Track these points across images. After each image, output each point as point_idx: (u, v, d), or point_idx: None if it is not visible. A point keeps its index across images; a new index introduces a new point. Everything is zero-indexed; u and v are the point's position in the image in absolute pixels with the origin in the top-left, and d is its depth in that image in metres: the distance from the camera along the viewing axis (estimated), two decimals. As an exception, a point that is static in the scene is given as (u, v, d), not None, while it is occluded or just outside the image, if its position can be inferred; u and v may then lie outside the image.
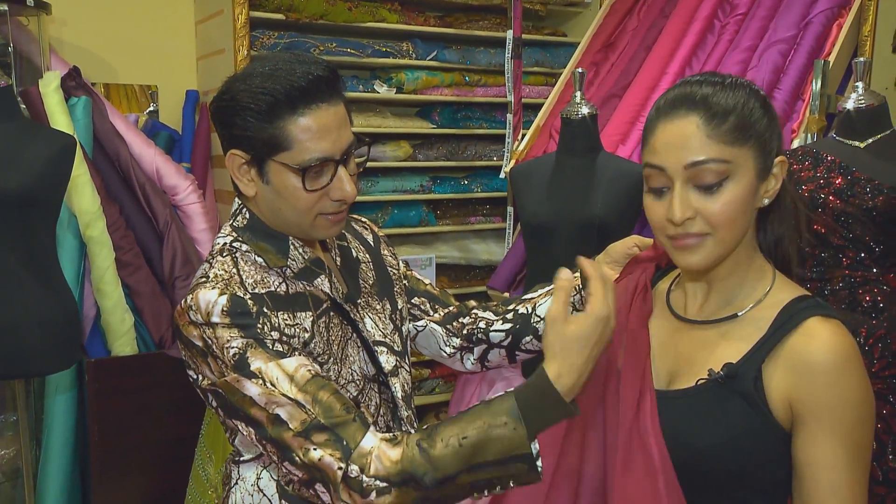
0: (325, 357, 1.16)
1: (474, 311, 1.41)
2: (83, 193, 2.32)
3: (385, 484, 1.00)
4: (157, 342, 2.47)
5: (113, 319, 2.37)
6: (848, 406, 0.97)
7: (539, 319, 1.33)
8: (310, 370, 1.07)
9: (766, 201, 1.04)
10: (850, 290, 1.69)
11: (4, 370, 1.98)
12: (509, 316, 1.36)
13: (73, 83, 2.47)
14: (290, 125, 1.08)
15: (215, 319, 1.06)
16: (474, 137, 3.21)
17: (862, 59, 1.82)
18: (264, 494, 1.20)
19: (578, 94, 2.05)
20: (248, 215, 1.18)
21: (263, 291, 1.11)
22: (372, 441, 1.03)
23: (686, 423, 1.04)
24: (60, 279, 2.04)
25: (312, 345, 1.14)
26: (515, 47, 2.62)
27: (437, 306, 1.41)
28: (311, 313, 1.15)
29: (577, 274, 1.19)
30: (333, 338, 1.18)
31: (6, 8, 2.31)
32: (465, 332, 1.39)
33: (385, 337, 1.27)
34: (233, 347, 1.06)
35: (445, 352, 1.41)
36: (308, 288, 1.17)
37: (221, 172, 2.89)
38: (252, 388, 1.05)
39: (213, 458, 2.23)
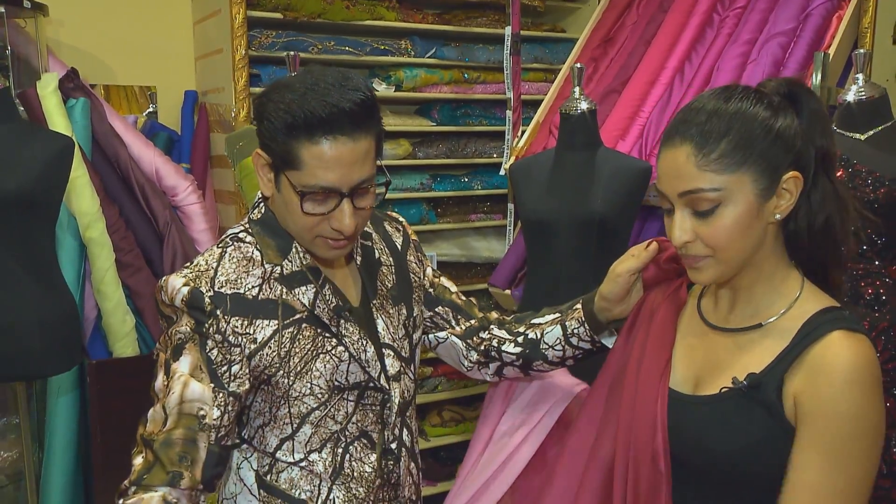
0: (274, 370, 1.17)
1: (492, 326, 1.42)
2: (82, 195, 2.32)
3: None
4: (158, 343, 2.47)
5: (114, 321, 2.37)
6: (843, 418, 0.98)
7: (547, 347, 1.35)
8: (202, 410, 1.13)
9: (779, 216, 1.05)
10: (852, 283, 1.68)
11: (5, 372, 1.98)
12: (520, 339, 1.38)
13: (71, 85, 2.47)
14: (302, 148, 1.09)
15: (177, 304, 1.14)
16: (474, 135, 3.20)
17: (862, 50, 1.81)
18: (244, 484, 1.24)
19: (577, 89, 2.04)
20: (264, 209, 1.23)
21: (230, 292, 1.15)
22: (155, 497, 1.11)
23: (707, 428, 1.07)
24: (60, 281, 2.04)
25: (259, 357, 1.16)
26: (514, 44, 2.61)
27: (459, 317, 1.42)
28: (276, 322, 1.17)
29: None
30: (297, 350, 1.18)
31: (3, 10, 2.31)
32: (482, 347, 1.41)
33: (394, 341, 1.28)
34: (179, 333, 1.14)
35: (465, 365, 1.43)
36: (284, 296, 1.18)
37: (221, 173, 2.88)
38: (159, 380, 1.15)
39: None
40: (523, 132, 2.67)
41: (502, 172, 2.68)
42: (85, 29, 2.81)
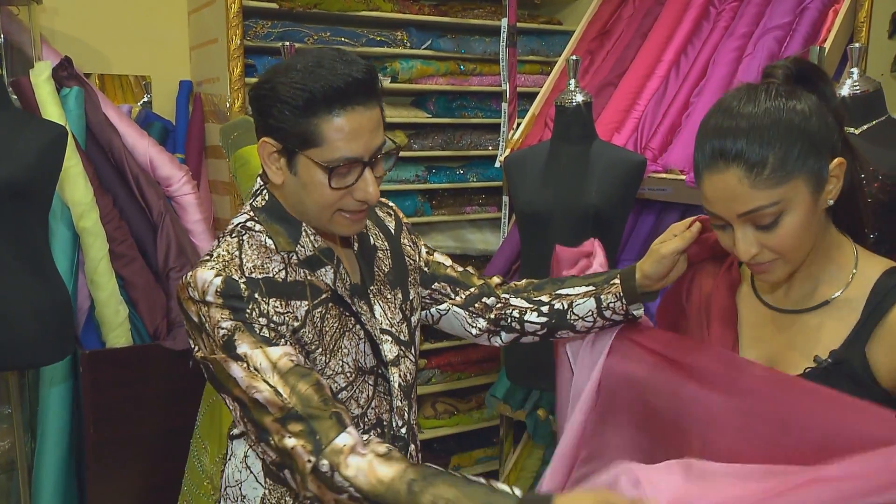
0: (314, 347, 1.17)
1: (504, 295, 1.42)
2: (76, 184, 2.31)
3: (359, 495, 1.03)
4: (151, 334, 2.47)
5: (107, 311, 2.36)
6: None
7: (577, 318, 1.36)
8: (293, 359, 1.10)
9: (831, 201, 1.06)
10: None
11: (-3, 362, 1.97)
12: (544, 309, 1.38)
13: (64, 73, 2.46)
14: (323, 123, 1.09)
15: (209, 299, 1.10)
16: (470, 127, 3.20)
17: (857, 44, 1.81)
18: (251, 472, 1.24)
19: (573, 81, 2.04)
20: (267, 196, 1.22)
21: (260, 277, 1.14)
22: (346, 440, 1.06)
23: None
24: (53, 270, 2.03)
25: (301, 333, 1.16)
26: (510, 36, 2.60)
27: (458, 289, 1.43)
28: (307, 303, 1.17)
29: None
30: (327, 329, 1.19)
31: (-4, -3, 2.29)
32: (492, 315, 1.41)
33: (392, 326, 1.28)
34: (223, 328, 1.10)
35: (471, 333, 1.43)
36: (309, 277, 1.18)
37: (215, 163, 2.87)
38: (236, 370, 1.09)
39: (208, 450, 2.23)
40: (519, 124, 2.67)
41: (497, 165, 2.68)
42: (79, 17, 2.79)
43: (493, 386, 2.94)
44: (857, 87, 1.75)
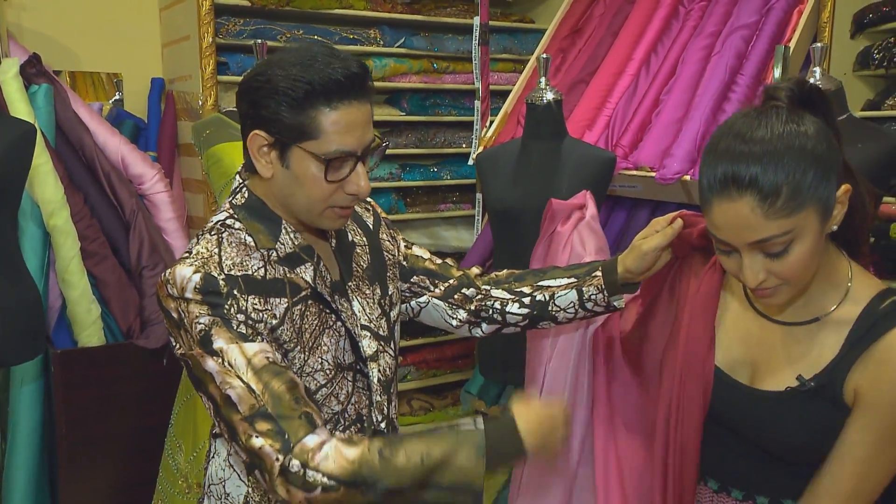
0: (293, 345, 1.18)
1: (484, 287, 1.45)
2: (45, 182, 2.29)
3: (333, 482, 1.03)
4: (124, 332, 2.45)
5: (79, 310, 2.34)
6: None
7: (559, 309, 1.40)
8: (268, 357, 1.10)
9: (835, 227, 1.07)
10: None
11: (-33, 362, 1.95)
12: (526, 301, 1.41)
13: (33, 70, 2.44)
14: (321, 116, 1.10)
15: (188, 295, 1.11)
16: (443, 125, 3.21)
17: (819, 44, 1.85)
18: (234, 470, 1.24)
19: (543, 79, 2.06)
20: (247, 194, 1.21)
21: (239, 274, 1.14)
22: (315, 440, 1.06)
23: (775, 422, 1.13)
24: (22, 268, 2.02)
25: (280, 331, 1.16)
26: (483, 34, 2.62)
27: (437, 281, 1.44)
28: (286, 300, 1.17)
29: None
30: (307, 326, 1.20)
31: (-38, -6, 2.26)
32: (472, 306, 1.44)
33: (371, 322, 1.29)
34: (200, 323, 1.10)
35: (452, 324, 1.46)
36: (288, 275, 1.19)
37: (188, 161, 2.86)
38: (211, 365, 1.09)
39: (182, 448, 2.23)
40: (492, 122, 2.69)
41: (471, 162, 2.70)
42: (48, 13, 2.76)
43: (467, 382, 2.96)
44: (819, 86, 1.78)
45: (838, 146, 1.06)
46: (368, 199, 1.44)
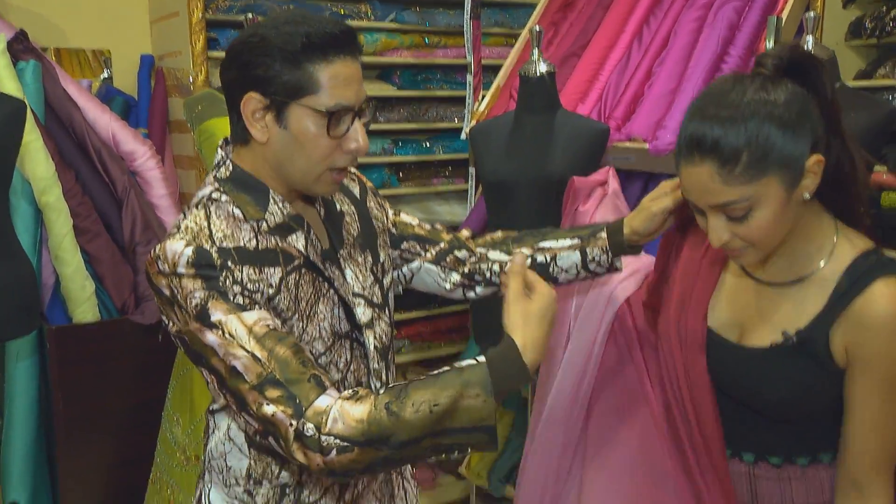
0: (290, 313, 1.17)
1: (479, 249, 1.44)
2: (36, 159, 2.27)
3: (346, 443, 1.03)
4: (119, 308, 2.45)
5: (73, 286, 2.34)
6: (891, 359, 1.07)
7: (560, 270, 1.40)
8: (269, 325, 1.09)
9: (808, 195, 1.08)
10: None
11: (-38, 339, 1.95)
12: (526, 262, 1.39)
13: (20, 47, 2.41)
14: (319, 70, 1.10)
15: (181, 270, 1.09)
16: (435, 100, 3.20)
17: (812, 13, 1.85)
18: (234, 444, 1.24)
19: (536, 51, 2.06)
20: (231, 167, 1.20)
21: (231, 246, 1.13)
22: (327, 401, 1.05)
23: (760, 379, 1.15)
24: (15, 245, 2.01)
25: (277, 300, 1.15)
26: (474, 8, 2.60)
27: (428, 246, 1.44)
28: (280, 270, 1.16)
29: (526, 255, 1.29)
30: (302, 295, 1.19)
31: (-53, -32, 2.23)
32: (465, 269, 1.43)
33: (364, 290, 1.29)
34: (195, 298, 1.08)
35: (445, 287, 1.45)
36: (280, 244, 1.18)
37: (180, 138, 2.85)
38: (211, 338, 1.08)
39: (180, 422, 2.24)
40: (484, 96, 2.68)
41: (463, 137, 2.69)
42: (34, -11, 2.73)
43: (462, 354, 2.98)
44: (813, 52, 1.78)
45: (825, 114, 1.06)
46: (353, 170, 1.44)
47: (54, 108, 2.46)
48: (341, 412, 1.04)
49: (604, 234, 1.37)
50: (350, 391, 1.08)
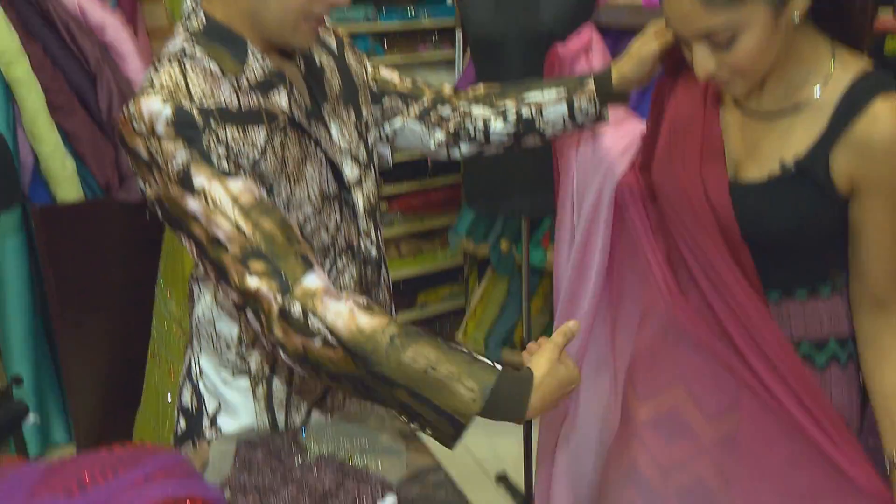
0: (277, 176, 1.12)
1: (462, 104, 1.39)
2: (-2, 31, 2.16)
3: (336, 341, 1.01)
4: (103, 187, 2.41)
5: (53, 165, 2.29)
6: None
7: (546, 124, 1.33)
8: (255, 195, 1.05)
9: (797, 19, 1.02)
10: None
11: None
12: (511, 117, 1.34)
13: None
14: None
15: (160, 130, 1.02)
16: (420, -40, 3.04)
17: None
18: (223, 309, 1.23)
19: None
20: (204, 17, 1.11)
21: (212, 105, 1.06)
22: (316, 282, 1.03)
23: (760, 212, 1.12)
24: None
25: (263, 164, 1.10)
26: None
27: (410, 101, 1.38)
28: (265, 130, 1.11)
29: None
30: (289, 156, 1.14)
31: None
32: (450, 126, 1.38)
33: (350, 147, 1.24)
34: (177, 160, 1.03)
35: (430, 146, 1.40)
36: (263, 103, 1.12)
37: (151, 8, 2.70)
38: (194, 205, 1.03)
39: (172, 296, 2.25)
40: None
41: (450, 2, 2.57)
42: None
43: (454, 225, 2.98)
44: None
45: None
46: (329, 22, 1.36)
47: (13, -24, 2.32)
48: (349, 312, 1.01)
49: (591, 84, 1.31)
50: (365, 300, 1.05)
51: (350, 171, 1.23)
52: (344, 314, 1.02)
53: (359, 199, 1.25)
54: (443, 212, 3.33)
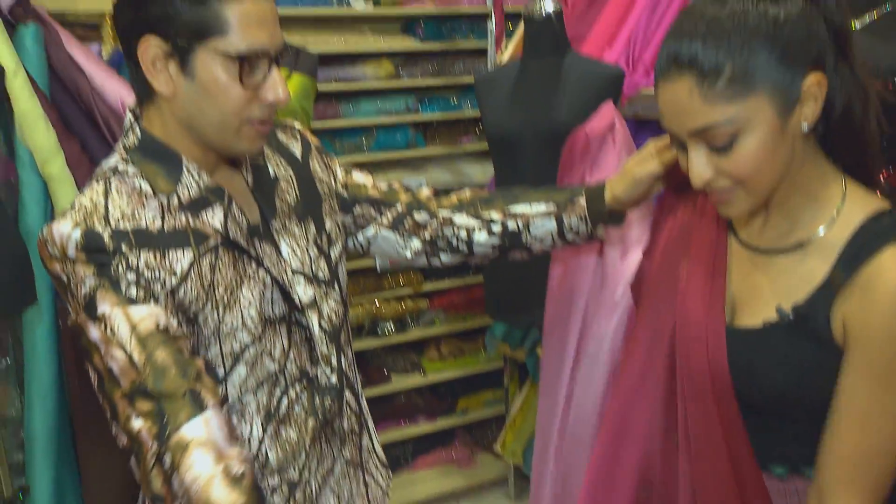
0: (202, 304, 1.03)
1: (443, 211, 1.29)
2: (35, 128, 2.21)
3: None
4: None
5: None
6: (892, 340, 0.86)
7: (534, 240, 1.24)
8: (158, 322, 0.96)
9: (806, 126, 0.90)
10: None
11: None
12: (496, 229, 1.26)
13: (21, 10, 2.34)
14: (226, 8, 0.96)
15: (71, 254, 0.96)
16: (462, 52, 3.01)
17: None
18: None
19: (544, -11, 1.84)
20: (139, 133, 1.05)
21: (129, 227, 0.99)
22: (196, 431, 0.92)
23: (754, 363, 0.97)
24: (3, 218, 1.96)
25: (183, 289, 1.01)
26: (494, -53, 2.40)
27: (383, 209, 1.29)
28: (191, 252, 1.02)
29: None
30: (220, 280, 1.04)
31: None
32: (427, 235, 1.29)
33: (304, 265, 1.14)
34: (85, 286, 0.96)
35: (406, 255, 1.31)
36: (192, 223, 1.03)
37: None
38: (94, 333, 0.95)
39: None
40: (507, 46, 2.48)
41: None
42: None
43: (492, 325, 2.83)
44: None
45: (831, 29, 0.89)
46: (296, 125, 1.28)
47: (59, 74, 2.40)
48: (207, 481, 0.91)
49: (582, 201, 1.19)
50: (242, 470, 0.94)
51: (303, 290, 1.13)
52: (201, 480, 0.90)
53: (314, 321, 1.14)
54: (485, 310, 3.18)
